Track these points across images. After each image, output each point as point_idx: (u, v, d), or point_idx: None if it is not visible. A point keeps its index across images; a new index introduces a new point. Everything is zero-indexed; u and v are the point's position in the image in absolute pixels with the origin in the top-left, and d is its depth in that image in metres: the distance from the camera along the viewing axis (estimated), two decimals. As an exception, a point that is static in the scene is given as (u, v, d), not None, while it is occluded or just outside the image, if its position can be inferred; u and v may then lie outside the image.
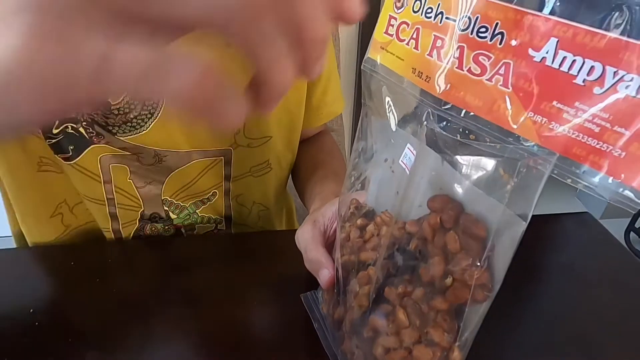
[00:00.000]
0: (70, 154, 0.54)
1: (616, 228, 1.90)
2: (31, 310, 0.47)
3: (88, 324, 0.47)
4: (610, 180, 0.24)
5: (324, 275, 0.40)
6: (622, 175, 0.24)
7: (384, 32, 0.32)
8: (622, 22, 0.22)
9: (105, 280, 0.52)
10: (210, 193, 0.64)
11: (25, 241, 0.65)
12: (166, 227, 0.64)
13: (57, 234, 0.62)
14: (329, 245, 0.45)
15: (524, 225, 0.27)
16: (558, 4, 0.24)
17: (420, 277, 0.31)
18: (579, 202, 2.13)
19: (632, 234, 1.89)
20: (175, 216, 0.63)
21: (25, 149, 0.55)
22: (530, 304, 0.52)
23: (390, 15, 0.31)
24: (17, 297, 0.49)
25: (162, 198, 0.61)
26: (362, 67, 0.35)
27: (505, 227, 0.28)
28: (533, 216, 0.27)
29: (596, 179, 0.25)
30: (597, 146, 0.24)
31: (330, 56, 0.69)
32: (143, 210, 0.61)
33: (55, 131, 0.53)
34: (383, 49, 0.32)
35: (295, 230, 0.48)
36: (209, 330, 0.46)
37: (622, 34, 0.22)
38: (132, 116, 0.54)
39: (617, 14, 0.22)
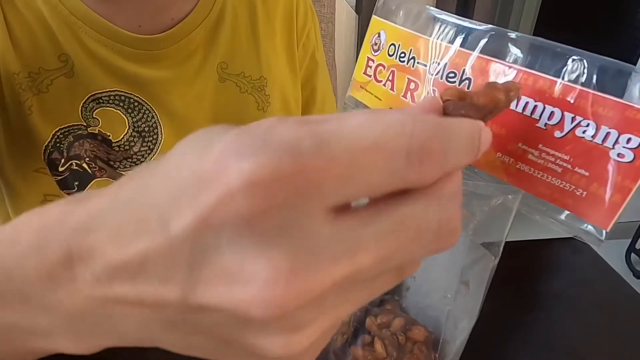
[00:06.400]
0: (75, 189, 0.56)
1: (617, 249, 1.89)
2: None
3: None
4: (572, 216, 0.26)
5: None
6: (584, 213, 0.25)
7: (363, 73, 0.34)
8: (576, 72, 0.24)
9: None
10: None
11: None
12: None
13: None
14: None
15: (493, 254, 0.28)
16: (520, 54, 0.25)
17: (400, 308, 0.32)
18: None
19: (632, 255, 1.88)
20: None
21: (29, 184, 0.56)
22: (522, 332, 0.52)
23: (368, 57, 0.33)
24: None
25: None
26: (344, 104, 0.36)
27: (476, 257, 0.29)
28: (526, 241, 0.28)
29: (561, 216, 0.27)
30: (561, 186, 0.25)
31: (324, 78, 0.69)
32: None
33: (61, 169, 0.55)
34: (363, 88, 0.34)
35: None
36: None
37: (575, 82, 0.23)
38: (132, 152, 0.55)
39: (571, 64, 0.24)
